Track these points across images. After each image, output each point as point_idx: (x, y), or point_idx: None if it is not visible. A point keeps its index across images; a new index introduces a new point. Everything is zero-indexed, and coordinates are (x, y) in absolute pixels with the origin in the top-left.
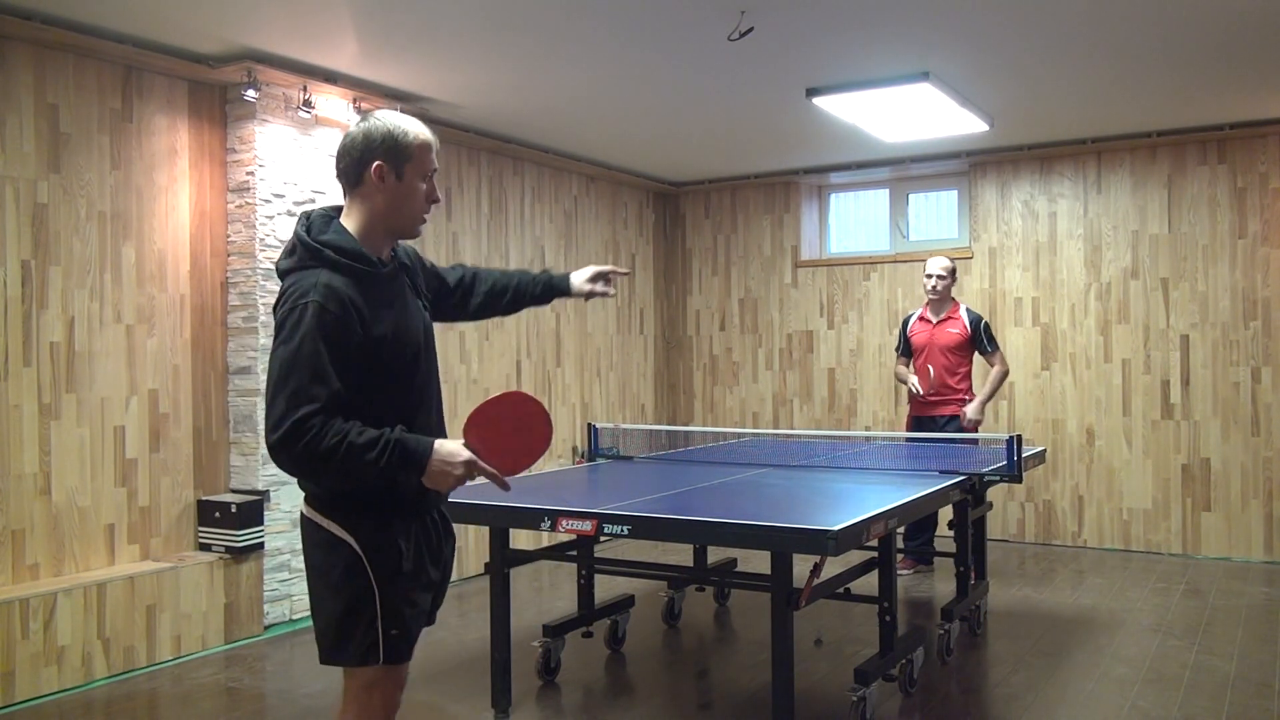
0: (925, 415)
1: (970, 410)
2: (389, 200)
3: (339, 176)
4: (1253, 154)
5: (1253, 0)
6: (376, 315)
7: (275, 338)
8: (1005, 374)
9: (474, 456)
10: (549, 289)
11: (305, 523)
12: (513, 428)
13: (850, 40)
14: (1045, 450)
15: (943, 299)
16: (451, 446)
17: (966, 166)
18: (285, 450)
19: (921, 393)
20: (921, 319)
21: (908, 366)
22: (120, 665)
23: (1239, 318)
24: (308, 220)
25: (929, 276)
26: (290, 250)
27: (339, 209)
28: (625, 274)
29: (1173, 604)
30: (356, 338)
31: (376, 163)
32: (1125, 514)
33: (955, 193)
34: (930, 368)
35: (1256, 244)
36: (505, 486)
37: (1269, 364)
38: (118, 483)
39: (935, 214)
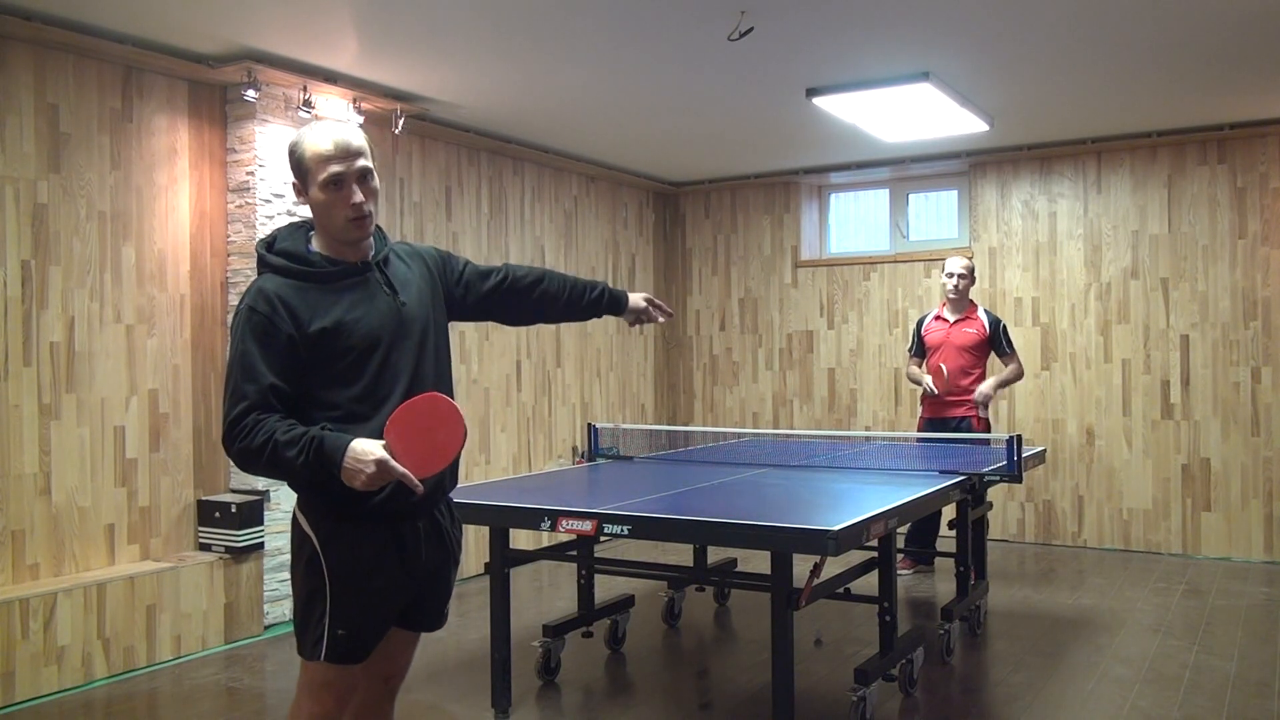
0: (938, 417)
1: (984, 386)
2: (313, 212)
3: None
4: (1253, 154)
5: (1252, 0)
6: (316, 311)
7: None
8: (1020, 374)
9: (386, 456)
10: (608, 303)
11: (292, 516)
12: (428, 428)
13: (850, 40)
14: (1045, 450)
15: (962, 298)
16: (365, 446)
17: (966, 166)
18: (227, 449)
19: (937, 392)
20: (938, 318)
21: (920, 367)
22: (120, 665)
23: (1239, 318)
24: (275, 233)
25: (950, 276)
26: None
27: None
28: (671, 315)
29: (1173, 604)
30: (286, 334)
31: (291, 180)
32: (1125, 514)
33: (955, 193)
34: (943, 366)
35: (1256, 244)
36: (416, 488)
37: (1269, 364)
38: (118, 483)
39: (935, 214)
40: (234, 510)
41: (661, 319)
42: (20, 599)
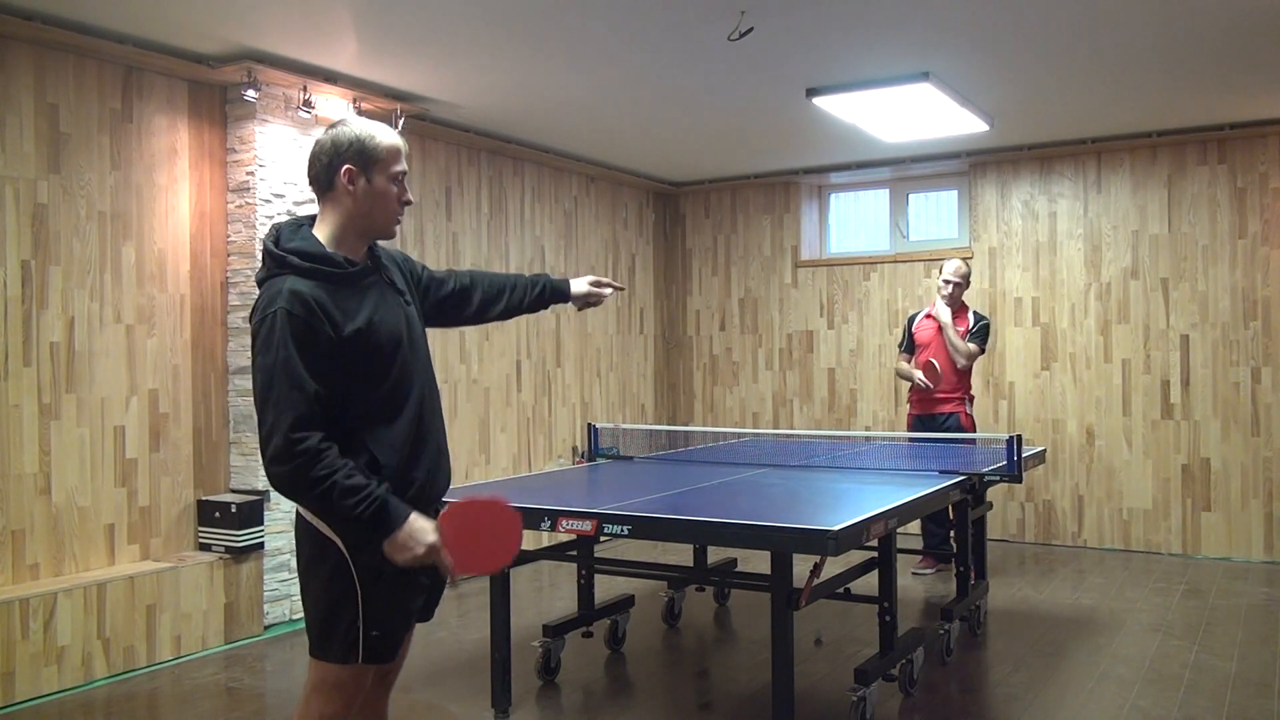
0: (926, 413)
1: (946, 322)
2: (359, 204)
3: (311, 183)
4: (1253, 154)
5: (1252, 1)
6: (347, 313)
7: (252, 348)
8: (968, 354)
9: (438, 543)
10: (551, 294)
11: (298, 519)
12: (486, 534)
13: (850, 40)
14: (1045, 450)
15: (955, 303)
16: (422, 525)
17: (966, 166)
18: (278, 464)
19: (932, 387)
20: (929, 316)
21: (909, 363)
22: (120, 665)
23: (1239, 318)
24: (277, 231)
25: (946, 283)
26: (262, 262)
27: (312, 218)
28: (621, 288)
29: (1173, 604)
30: (326, 338)
31: (346, 167)
32: (1125, 514)
33: (955, 193)
34: (934, 361)
35: (1256, 244)
36: (453, 580)
37: (1269, 364)
38: (118, 483)
39: (935, 214)
40: (234, 510)
41: (603, 298)
42: (20, 599)
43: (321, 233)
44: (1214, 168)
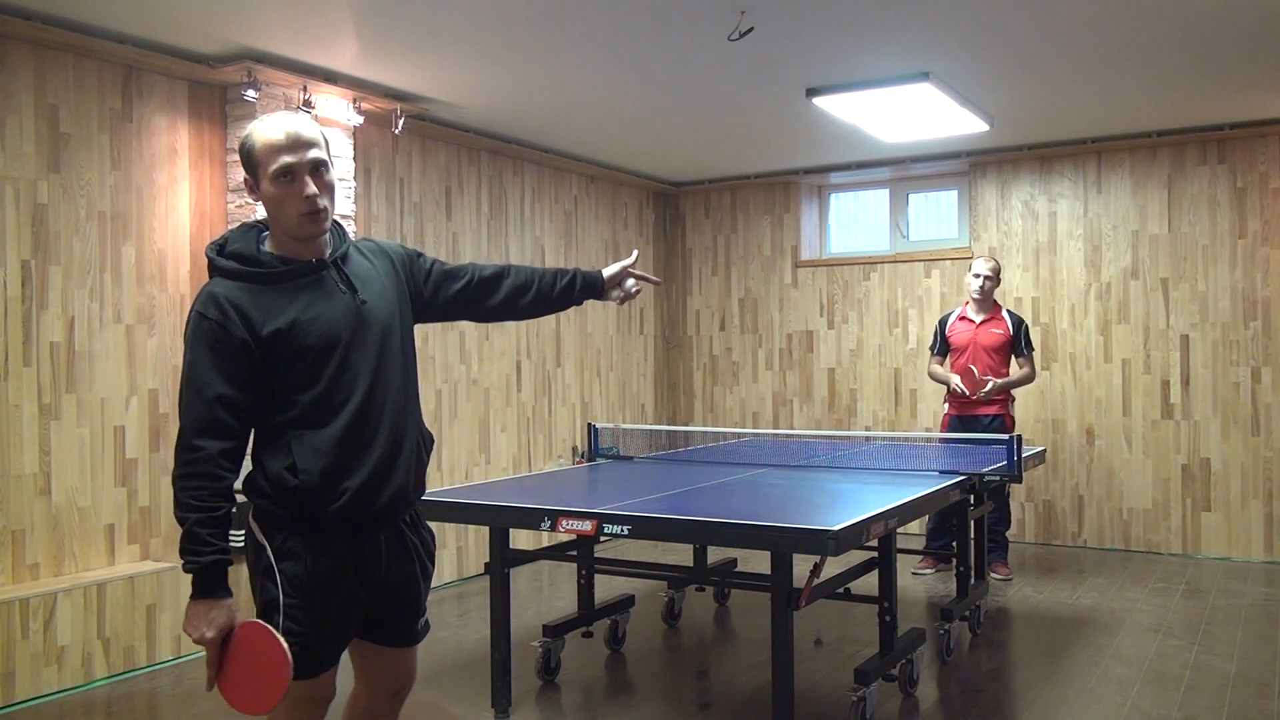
0: (967, 415)
1: (996, 382)
2: (266, 208)
3: None
4: (1253, 154)
5: (1252, 1)
6: (269, 313)
7: None
8: (1032, 377)
9: (216, 642)
10: (584, 287)
11: (247, 523)
12: (255, 669)
13: (850, 40)
14: (1045, 450)
15: (986, 299)
16: (214, 615)
17: (966, 166)
18: (176, 453)
19: (969, 393)
20: (962, 318)
21: (943, 366)
22: (120, 665)
23: (1239, 318)
24: (226, 235)
25: (976, 276)
26: None
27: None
28: (658, 282)
29: (1173, 604)
30: (240, 340)
31: (244, 178)
32: (1125, 514)
33: (955, 193)
34: (973, 367)
35: (1256, 244)
36: (208, 686)
37: (1269, 364)
38: (118, 483)
39: (935, 214)
40: (233, 510)
41: (636, 290)
42: (20, 599)
43: (269, 236)
44: (1214, 168)
